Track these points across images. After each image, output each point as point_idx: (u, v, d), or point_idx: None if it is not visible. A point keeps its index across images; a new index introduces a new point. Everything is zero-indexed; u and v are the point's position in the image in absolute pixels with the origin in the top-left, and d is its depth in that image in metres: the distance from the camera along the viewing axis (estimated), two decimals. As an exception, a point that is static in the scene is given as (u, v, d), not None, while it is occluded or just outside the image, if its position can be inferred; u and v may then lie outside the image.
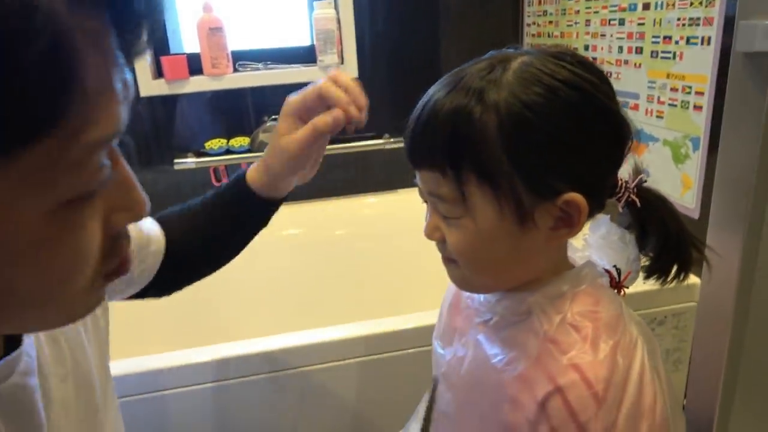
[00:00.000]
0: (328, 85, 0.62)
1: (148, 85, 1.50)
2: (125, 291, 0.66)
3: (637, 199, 0.52)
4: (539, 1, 1.51)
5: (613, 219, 0.56)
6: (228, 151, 1.58)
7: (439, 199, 0.50)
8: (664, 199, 0.53)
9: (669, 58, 1.06)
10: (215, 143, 1.57)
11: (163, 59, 1.50)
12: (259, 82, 1.56)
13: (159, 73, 1.54)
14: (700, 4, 0.97)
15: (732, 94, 0.75)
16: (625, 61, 1.18)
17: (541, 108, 0.46)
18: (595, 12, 1.27)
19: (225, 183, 0.70)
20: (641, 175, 0.53)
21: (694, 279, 1.03)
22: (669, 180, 1.09)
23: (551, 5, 1.45)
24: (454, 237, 0.51)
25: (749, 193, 0.72)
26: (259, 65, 1.58)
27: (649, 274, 0.55)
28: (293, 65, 1.59)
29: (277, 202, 0.70)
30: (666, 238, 0.52)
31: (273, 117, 1.61)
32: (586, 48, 1.32)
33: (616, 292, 0.56)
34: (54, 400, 0.45)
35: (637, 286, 0.58)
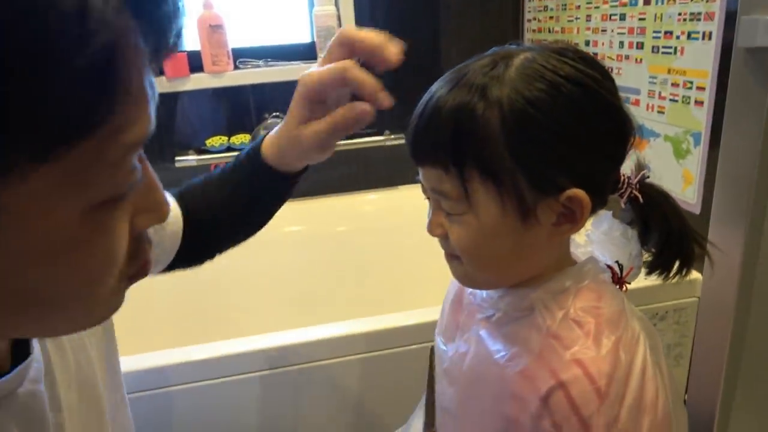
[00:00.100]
0: (354, 71, 0.54)
1: (148, 83, 1.50)
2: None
3: (639, 195, 0.52)
4: (540, -3, 1.51)
5: (616, 215, 0.56)
6: (229, 149, 1.58)
7: (442, 196, 0.50)
8: (666, 195, 0.53)
9: (670, 54, 1.05)
10: (216, 140, 1.57)
11: (163, 57, 1.50)
12: (260, 79, 1.56)
13: (160, 70, 1.54)
14: (702, -1, 0.97)
15: (734, 89, 0.75)
16: (626, 57, 1.18)
17: (543, 104, 0.46)
18: (596, 7, 1.27)
19: (244, 151, 0.65)
20: (644, 170, 0.53)
21: (696, 274, 1.03)
22: (670, 175, 1.09)
23: (552, 0, 1.45)
24: (457, 233, 0.51)
25: (751, 189, 0.73)
26: (260, 62, 1.58)
27: (651, 270, 0.55)
28: (294, 62, 1.59)
29: (296, 175, 0.64)
30: (668, 234, 0.53)
31: (274, 114, 1.61)
32: (587, 43, 1.32)
33: (618, 287, 0.56)
34: (61, 406, 0.45)
35: (639, 281, 0.58)
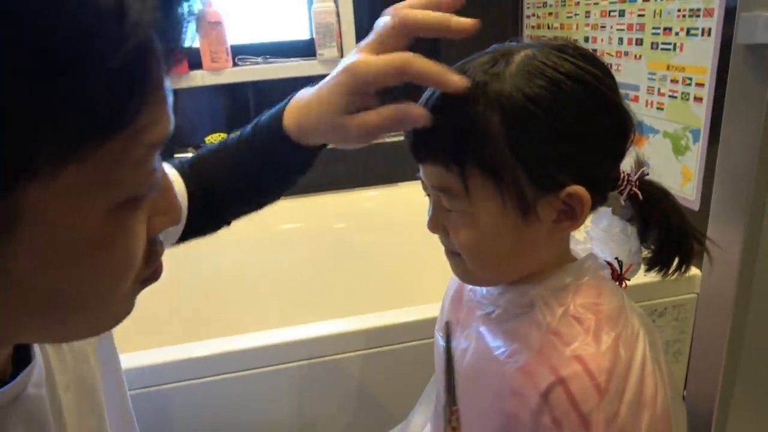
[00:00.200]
0: (417, 63, 0.46)
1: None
2: None
3: (639, 192, 0.52)
4: (539, -7, 1.51)
5: (615, 212, 0.56)
6: (228, 146, 1.58)
7: (443, 193, 0.50)
8: (666, 192, 0.54)
9: (669, 50, 1.05)
10: (216, 138, 1.57)
11: (162, 54, 1.50)
12: (259, 76, 1.56)
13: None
14: (701, -5, 0.97)
15: (733, 86, 0.75)
16: (625, 53, 1.18)
17: (544, 101, 0.46)
18: (595, 3, 1.27)
19: (265, 116, 0.59)
20: (643, 167, 0.53)
21: (695, 271, 1.03)
22: (669, 172, 1.10)
23: (551, -3, 1.45)
24: (458, 230, 0.51)
25: (749, 185, 0.73)
26: (259, 59, 1.58)
27: (650, 267, 0.55)
28: (293, 59, 1.59)
29: (320, 147, 0.58)
30: (668, 231, 0.53)
31: (273, 111, 1.61)
32: (586, 39, 1.31)
33: (618, 284, 0.56)
34: (61, 408, 0.45)
35: (638, 277, 0.58)
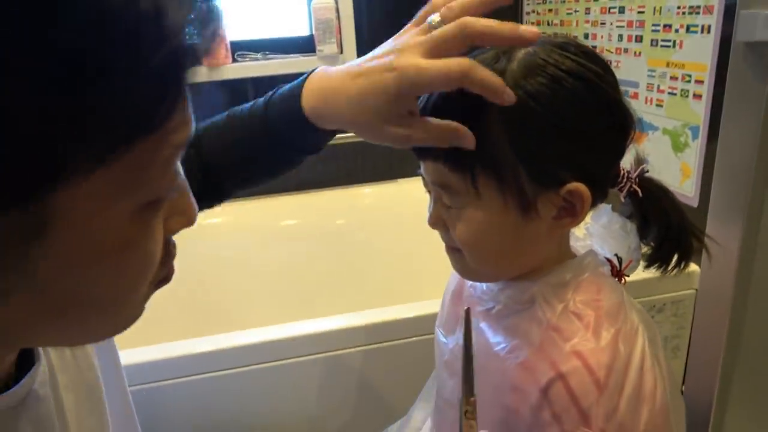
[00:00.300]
0: (477, 72, 0.43)
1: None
2: None
3: (639, 189, 0.52)
4: (539, -10, 1.50)
5: (615, 208, 0.56)
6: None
7: (444, 189, 0.51)
8: (665, 190, 0.54)
9: (669, 47, 1.06)
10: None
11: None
12: (259, 72, 1.55)
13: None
14: (701, -8, 0.97)
15: (732, 83, 0.75)
16: (625, 50, 1.18)
17: (545, 98, 0.46)
18: (595, 0, 1.27)
19: (279, 92, 0.57)
20: (643, 165, 0.54)
21: (694, 267, 1.03)
22: (668, 169, 1.10)
23: (551, -7, 1.45)
24: (458, 226, 0.51)
25: (748, 182, 0.73)
26: (258, 55, 1.57)
27: (649, 263, 0.55)
28: (292, 55, 1.58)
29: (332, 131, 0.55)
30: (667, 228, 0.53)
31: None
32: (586, 36, 1.31)
33: (617, 280, 0.57)
34: (64, 408, 0.45)
35: (637, 274, 0.58)
